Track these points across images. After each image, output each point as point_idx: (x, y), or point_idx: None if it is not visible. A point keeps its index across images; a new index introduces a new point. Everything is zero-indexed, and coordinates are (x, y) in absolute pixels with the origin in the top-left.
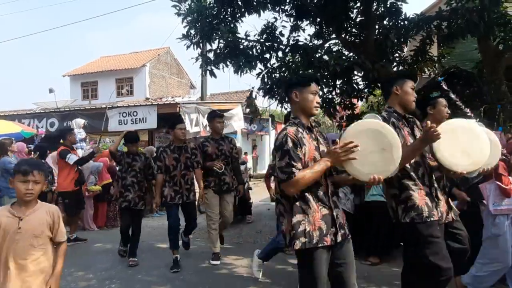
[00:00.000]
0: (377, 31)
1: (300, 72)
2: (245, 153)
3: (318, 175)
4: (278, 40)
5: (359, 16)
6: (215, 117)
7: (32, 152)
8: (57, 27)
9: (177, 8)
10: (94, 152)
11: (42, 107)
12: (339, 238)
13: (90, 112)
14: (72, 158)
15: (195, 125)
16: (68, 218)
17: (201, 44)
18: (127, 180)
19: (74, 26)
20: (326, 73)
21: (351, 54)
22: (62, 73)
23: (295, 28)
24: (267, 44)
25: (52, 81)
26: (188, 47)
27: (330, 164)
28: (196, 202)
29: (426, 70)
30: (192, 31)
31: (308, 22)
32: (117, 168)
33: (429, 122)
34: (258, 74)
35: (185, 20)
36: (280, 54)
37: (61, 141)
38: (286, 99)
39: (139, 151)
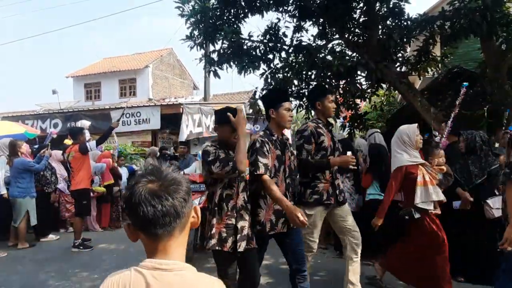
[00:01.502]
0: (380, 31)
1: (304, 72)
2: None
3: None
4: (281, 40)
5: (362, 16)
6: (328, 94)
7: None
8: (60, 28)
9: (181, 9)
10: (112, 128)
11: (46, 108)
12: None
13: (94, 113)
14: (92, 144)
15: (198, 125)
16: (79, 221)
17: (204, 45)
18: (239, 199)
19: (77, 27)
20: (329, 73)
21: (354, 54)
22: (65, 74)
23: (298, 28)
24: (270, 44)
25: (55, 82)
26: (191, 48)
27: None
28: None
29: (429, 70)
30: (196, 32)
31: (311, 22)
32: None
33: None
34: (262, 75)
35: (189, 21)
36: (283, 54)
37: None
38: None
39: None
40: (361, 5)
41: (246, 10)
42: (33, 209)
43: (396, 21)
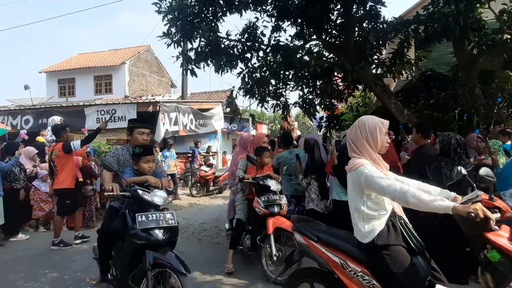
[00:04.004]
0: (356, 33)
1: (281, 72)
2: (224, 152)
3: None
4: (260, 40)
5: (339, 18)
6: None
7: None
8: (33, 22)
9: (158, 5)
10: (100, 128)
11: (17, 104)
12: None
13: (67, 110)
14: (77, 143)
15: (174, 124)
16: (60, 220)
17: (182, 43)
18: None
19: (51, 21)
20: (306, 74)
21: (331, 55)
22: (38, 69)
23: (276, 28)
24: (248, 43)
25: (28, 77)
26: (168, 45)
27: None
28: None
29: (403, 72)
30: (173, 29)
31: (289, 23)
32: None
33: None
34: (239, 74)
35: (166, 18)
36: (261, 54)
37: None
38: (266, 99)
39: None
40: (338, 7)
41: (225, 9)
42: (0, 208)
43: (372, 23)
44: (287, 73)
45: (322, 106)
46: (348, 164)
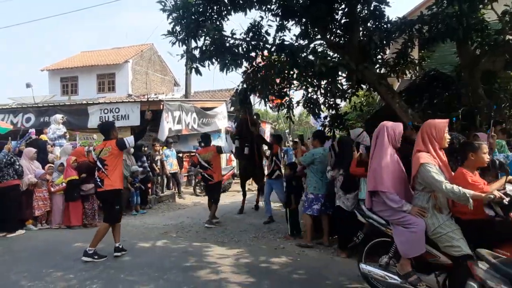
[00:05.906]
0: (361, 33)
1: (286, 71)
2: (231, 151)
3: None
4: (264, 39)
5: (343, 18)
6: None
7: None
8: (35, 19)
9: (163, 4)
10: (148, 120)
11: (19, 102)
12: None
13: (70, 108)
14: (130, 139)
15: (177, 123)
16: (106, 228)
17: (186, 41)
18: None
19: (53, 19)
20: (311, 73)
21: (336, 55)
22: (41, 67)
23: (281, 27)
24: (253, 42)
25: (30, 75)
26: (173, 43)
27: None
28: None
29: (407, 72)
30: (178, 28)
31: (293, 22)
32: None
33: None
34: (244, 73)
35: (171, 17)
36: (266, 53)
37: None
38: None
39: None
40: (343, 6)
41: (229, 7)
42: None
43: (377, 23)
44: (291, 72)
45: (326, 106)
46: None
